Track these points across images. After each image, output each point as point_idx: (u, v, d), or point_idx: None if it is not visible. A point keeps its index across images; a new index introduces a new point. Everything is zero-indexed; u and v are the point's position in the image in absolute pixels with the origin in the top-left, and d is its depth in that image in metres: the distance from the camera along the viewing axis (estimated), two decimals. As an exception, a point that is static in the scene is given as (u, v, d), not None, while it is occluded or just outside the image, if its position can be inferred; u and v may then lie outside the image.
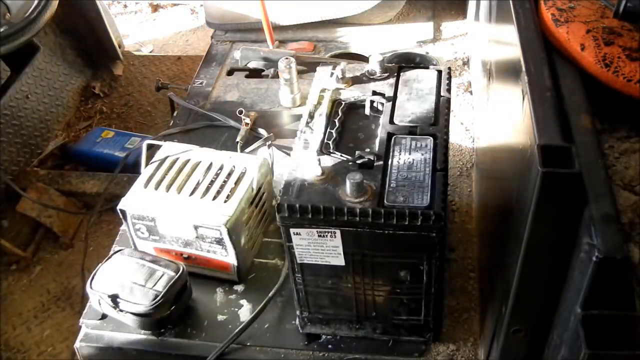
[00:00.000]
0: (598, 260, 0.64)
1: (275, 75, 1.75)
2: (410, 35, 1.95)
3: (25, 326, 1.76)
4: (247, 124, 1.57)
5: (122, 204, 1.25)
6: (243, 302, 1.27)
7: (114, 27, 2.54)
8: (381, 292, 1.08)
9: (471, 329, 1.21)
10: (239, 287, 1.29)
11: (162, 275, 1.19)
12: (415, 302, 1.09)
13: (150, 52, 2.74)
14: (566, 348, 0.75)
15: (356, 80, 1.19)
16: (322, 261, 1.03)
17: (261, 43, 1.90)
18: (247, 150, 1.51)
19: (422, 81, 1.17)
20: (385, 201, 0.96)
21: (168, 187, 1.26)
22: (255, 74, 1.83)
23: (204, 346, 1.20)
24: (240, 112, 1.57)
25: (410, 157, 1.02)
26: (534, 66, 0.81)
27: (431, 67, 1.21)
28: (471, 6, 1.82)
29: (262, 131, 1.56)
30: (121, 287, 1.18)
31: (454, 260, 1.33)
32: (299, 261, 1.05)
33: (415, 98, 1.13)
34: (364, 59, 1.80)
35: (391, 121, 1.09)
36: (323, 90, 1.17)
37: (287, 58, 1.61)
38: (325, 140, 1.07)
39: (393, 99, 1.14)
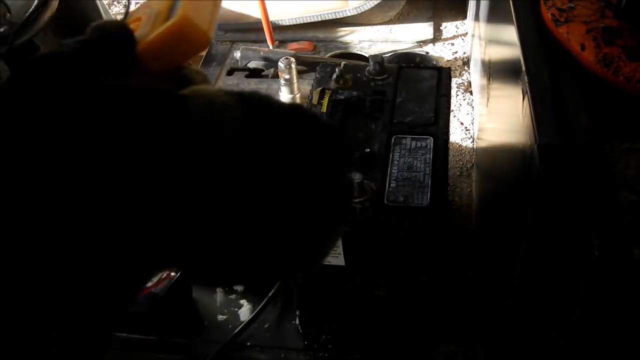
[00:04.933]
0: (598, 260, 0.64)
1: (275, 75, 1.75)
2: (410, 35, 1.95)
3: (25, 326, 1.75)
4: (247, 124, 1.56)
5: (122, 204, 1.24)
6: (243, 302, 1.27)
7: (114, 27, 2.53)
8: (381, 292, 1.08)
9: (471, 329, 1.21)
10: (239, 287, 1.29)
11: (162, 275, 1.19)
12: (415, 302, 1.09)
13: (150, 52, 2.74)
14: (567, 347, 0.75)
15: (356, 80, 1.19)
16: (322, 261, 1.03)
17: (261, 43, 1.90)
18: (247, 150, 1.50)
19: (422, 81, 1.17)
20: (385, 201, 0.96)
21: (168, 187, 1.26)
22: (255, 74, 1.83)
23: (203, 346, 1.20)
24: (240, 112, 1.56)
25: (410, 157, 1.02)
26: (534, 66, 0.81)
27: (431, 67, 1.21)
28: (471, 6, 1.82)
29: (262, 131, 1.56)
30: (121, 287, 1.18)
31: (453, 260, 1.33)
32: (299, 261, 1.05)
33: (415, 98, 1.13)
34: (364, 59, 1.79)
35: (391, 121, 1.09)
36: (323, 90, 1.17)
37: (287, 58, 1.61)
38: (325, 140, 1.07)
39: (393, 99, 1.14)
